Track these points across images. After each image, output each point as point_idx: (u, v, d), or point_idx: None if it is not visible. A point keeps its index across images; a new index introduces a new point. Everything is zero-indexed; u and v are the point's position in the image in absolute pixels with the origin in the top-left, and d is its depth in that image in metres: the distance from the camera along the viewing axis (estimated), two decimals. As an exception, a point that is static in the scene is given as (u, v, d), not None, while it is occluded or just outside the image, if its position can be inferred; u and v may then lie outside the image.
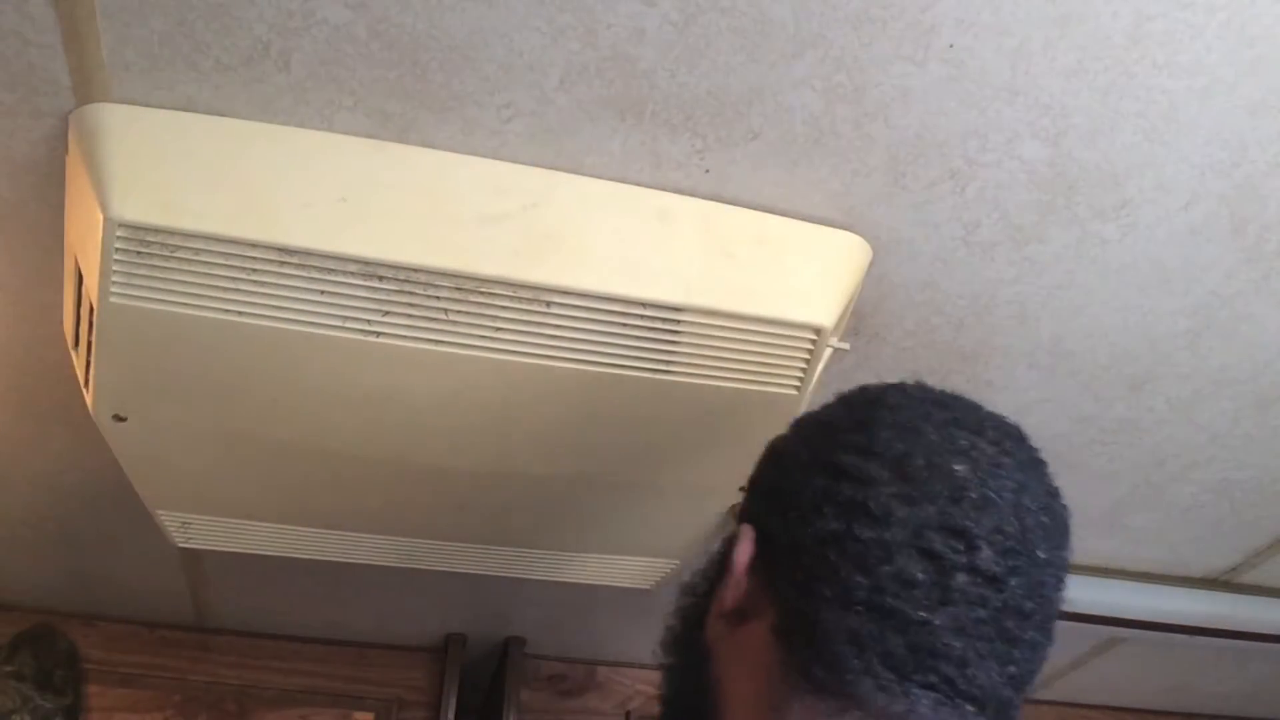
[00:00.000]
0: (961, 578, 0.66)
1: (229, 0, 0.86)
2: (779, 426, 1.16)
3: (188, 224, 0.91)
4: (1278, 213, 1.08)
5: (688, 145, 1.00)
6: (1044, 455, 0.81)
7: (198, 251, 0.92)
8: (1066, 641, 1.98)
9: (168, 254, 0.92)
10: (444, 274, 0.96)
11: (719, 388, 1.08)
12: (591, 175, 1.02)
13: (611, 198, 1.02)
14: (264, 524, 1.34)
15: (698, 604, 0.78)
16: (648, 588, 1.54)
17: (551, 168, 1.01)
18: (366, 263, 0.95)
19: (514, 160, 1.00)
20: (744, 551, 0.74)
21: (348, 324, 0.98)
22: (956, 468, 0.70)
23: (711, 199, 1.05)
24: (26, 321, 1.21)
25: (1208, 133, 0.99)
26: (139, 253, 0.92)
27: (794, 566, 0.70)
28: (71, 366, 1.11)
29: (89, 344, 1.01)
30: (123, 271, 0.93)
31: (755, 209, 1.06)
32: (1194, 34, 0.89)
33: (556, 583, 1.55)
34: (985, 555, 0.67)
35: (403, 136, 0.98)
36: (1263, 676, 2.16)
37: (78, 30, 0.88)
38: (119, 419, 1.09)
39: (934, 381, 1.32)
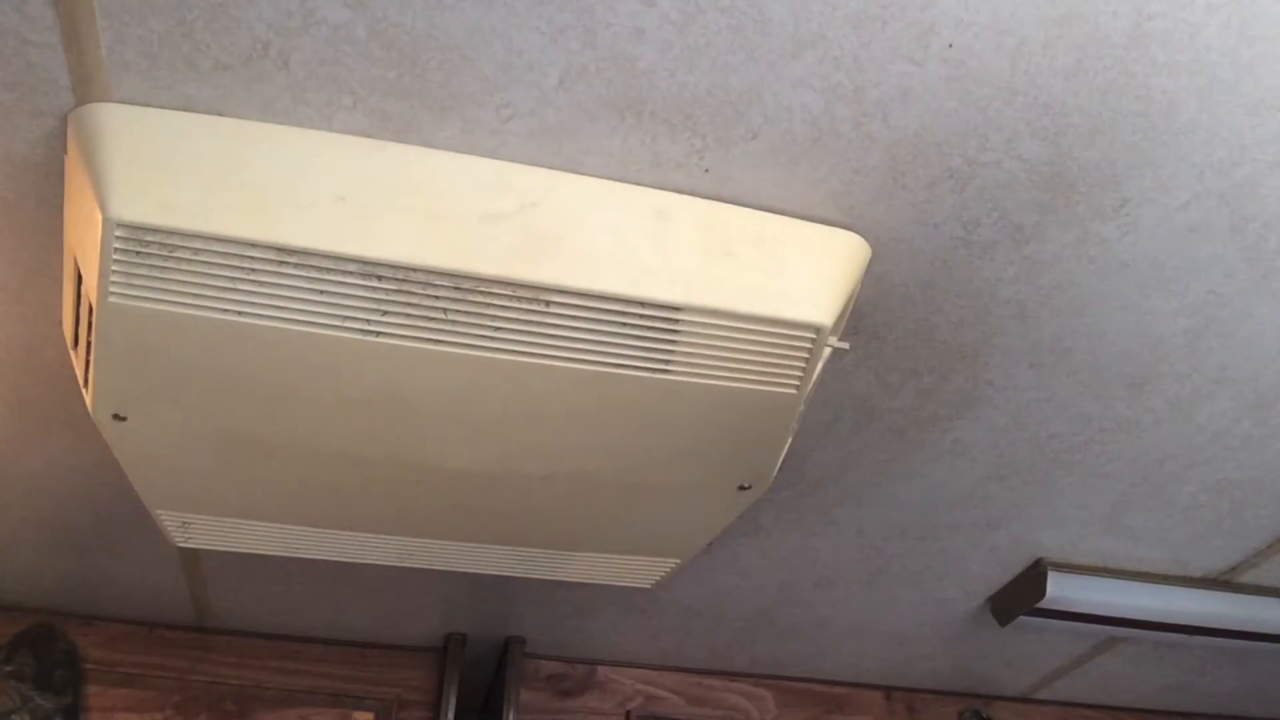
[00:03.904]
0: None
1: (228, 0, 0.86)
2: (778, 426, 1.16)
3: (187, 224, 0.91)
4: (1277, 212, 1.08)
5: (687, 145, 1.00)
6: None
7: (197, 251, 0.92)
8: (1066, 641, 1.98)
9: (167, 254, 0.92)
10: (443, 273, 0.96)
11: (718, 387, 1.08)
12: (591, 175, 1.02)
13: (611, 197, 1.02)
14: (264, 524, 1.34)
15: None
16: (648, 587, 1.54)
17: (551, 167, 1.01)
18: (365, 262, 0.95)
19: (513, 160, 1.00)
20: None
21: (347, 324, 0.98)
22: None
23: (711, 198, 1.05)
24: (26, 321, 1.21)
25: (1207, 132, 0.99)
26: (138, 253, 0.92)
27: None
28: (71, 366, 1.11)
29: (88, 344, 1.01)
30: (122, 271, 0.93)
31: (755, 208, 1.06)
32: (1194, 34, 0.89)
33: (556, 583, 1.55)
34: None
35: (402, 136, 0.98)
36: (1263, 676, 2.16)
37: (77, 30, 0.88)
38: (119, 419, 1.09)
39: (933, 381, 1.33)
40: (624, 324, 1.02)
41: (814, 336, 1.05)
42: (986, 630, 1.93)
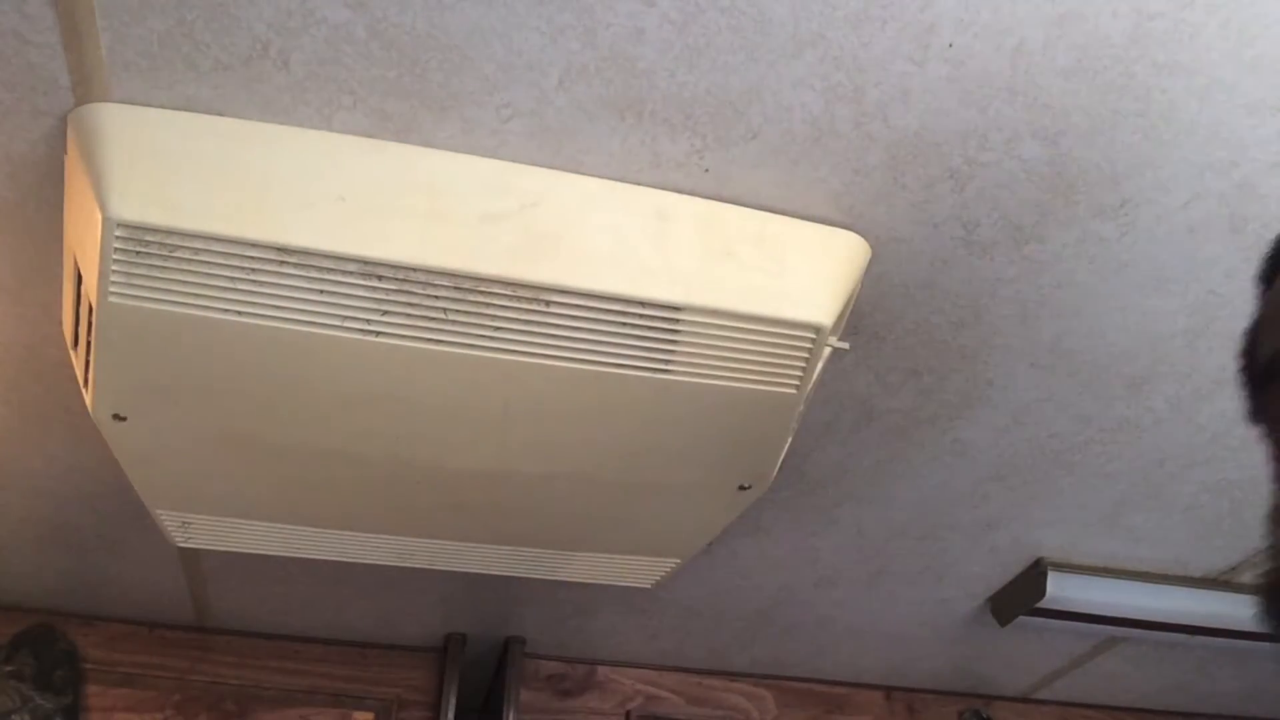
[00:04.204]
0: None
1: (228, 0, 0.86)
2: (778, 425, 1.16)
3: (187, 223, 0.91)
4: (1277, 212, 1.08)
5: (687, 145, 1.00)
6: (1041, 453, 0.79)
7: (197, 251, 0.92)
8: (1066, 641, 1.98)
9: (167, 254, 0.92)
10: (443, 273, 0.96)
11: (718, 387, 1.08)
12: (591, 174, 1.02)
13: (611, 197, 1.02)
14: (264, 524, 1.34)
15: None
16: (648, 587, 1.54)
17: (551, 167, 1.01)
18: (366, 262, 0.95)
19: (513, 160, 1.00)
20: None
21: (347, 324, 0.98)
22: None
23: (711, 198, 1.05)
24: (26, 321, 1.21)
25: (1207, 132, 0.99)
26: (138, 252, 0.92)
27: None
28: (71, 366, 1.11)
29: (88, 344, 1.01)
30: (122, 271, 0.93)
31: (755, 208, 1.06)
32: (1194, 34, 0.89)
33: (556, 582, 1.55)
34: None
35: (402, 136, 0.98)
36: (1263, 676, 2.16)
37: (77, 30, 0.88)
38: (119, 419, 1.09)
39: (933, 381, 1.33)
40: (624, 324, 1.02)
41: (814, 336, 1.05)
42: (986, 630, 1.93)
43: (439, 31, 0.89)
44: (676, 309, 1.01)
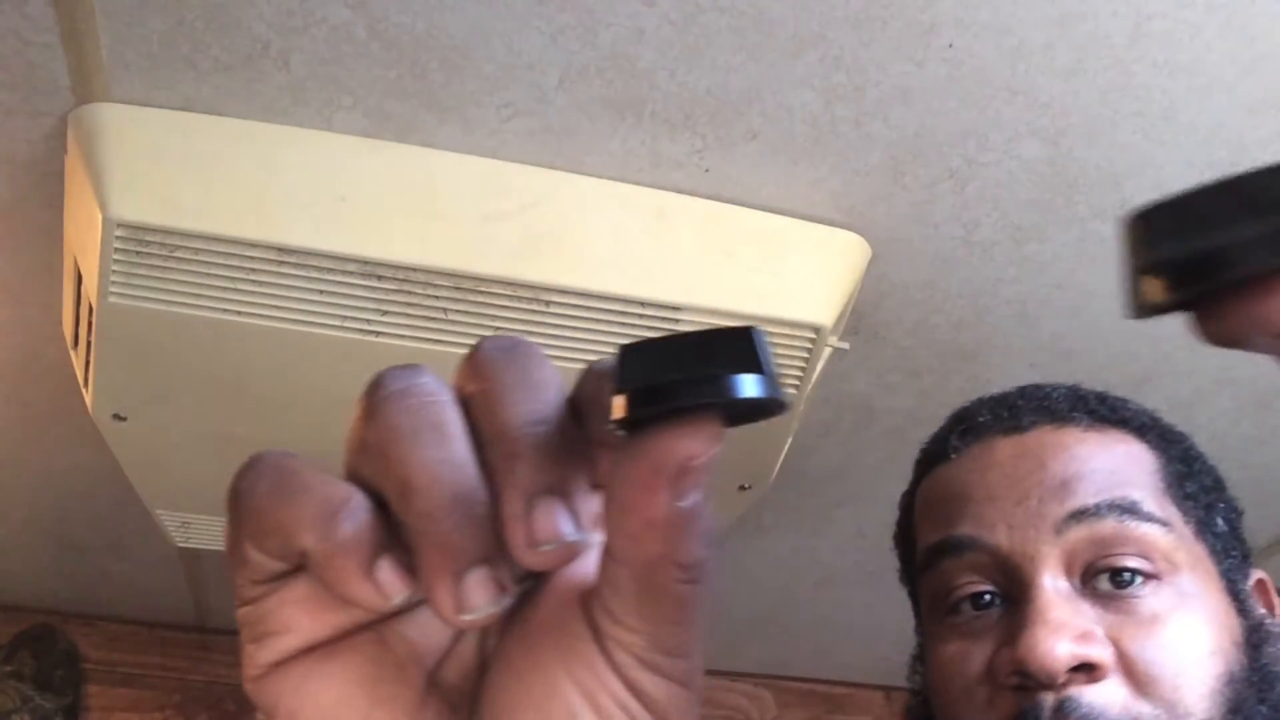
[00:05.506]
0: None
1: (228, 0, 0.86)
2: (778, 426, 1.16)
3: (186, 224, 0.91)
4: (1277, 212, 1.08)
5: (687, 145, 1.00)
6: None
7: (197, 251, 0.92)
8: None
9: (166, 254, 0.92)
10: (443, 273, 0.96)
11: (718, 387, 1.08)
12: (591, 175, 1.02)
13: (611, 197, 1.02)
14: (264, 524, 1.34)
15: None
16: (647, 587, 1.53)
17: (551, 167, 1.01)
18: (365, 262, 0.95)
19: (513, 160, 1.00)
20: None
21: (347, 324, 0.98)
22: None
23: (711, 198, 1.05)
24: (26, 321, 1.21)
25: (1208, 132, 0.99)
26: (138, 252, 0.92)
27: None
28: (71, 366, 1.11)
29: (88, 344, 1.01)
30: (122, 271, 0.93)
31: (755, 208, 1.06)
32: (1194, 34, 0.89)
33: (556, 582, 1.55)
34: None
35: (402, 136, 0.98)
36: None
37: (77, 30, 0.88)
38: (119, 419, 1.09)
39: (933, 381, 1.33)
40: (624, 324, 1.02)
41: (814, 336, 1.05)
42: (986, 630, 1.93)
43: (439, 31, 0.89)
44: (676, 309, 1.01)
